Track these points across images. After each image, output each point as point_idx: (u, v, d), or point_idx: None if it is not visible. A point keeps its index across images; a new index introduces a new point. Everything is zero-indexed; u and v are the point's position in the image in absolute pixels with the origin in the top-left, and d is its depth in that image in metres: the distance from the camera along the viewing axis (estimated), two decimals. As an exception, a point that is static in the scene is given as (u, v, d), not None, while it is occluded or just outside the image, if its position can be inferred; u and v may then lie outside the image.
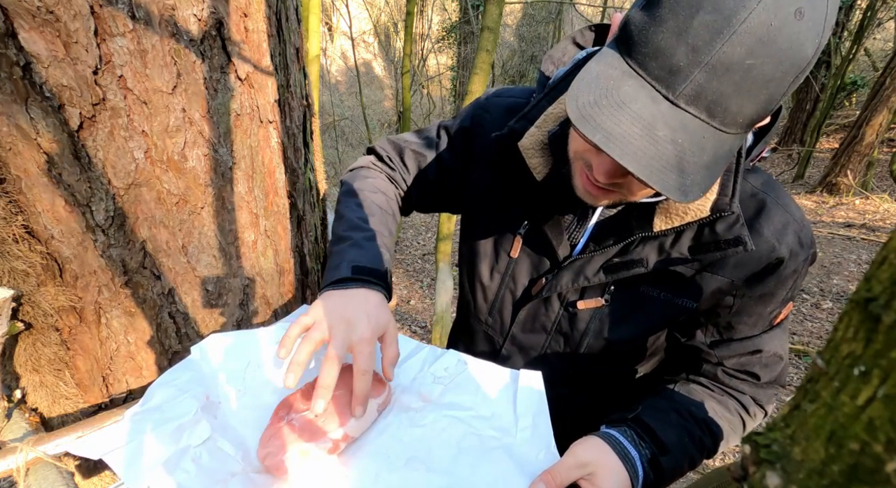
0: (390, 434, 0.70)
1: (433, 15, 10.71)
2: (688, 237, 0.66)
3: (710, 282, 0.67)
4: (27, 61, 0.59)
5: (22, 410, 0.78)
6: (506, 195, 0.80)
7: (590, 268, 0.72)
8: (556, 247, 0.74)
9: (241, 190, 0.83)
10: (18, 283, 0.70)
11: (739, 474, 0.22)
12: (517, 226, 0.79)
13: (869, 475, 0.16)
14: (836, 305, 3.62)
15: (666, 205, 0.66)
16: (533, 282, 0.80)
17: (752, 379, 0.71)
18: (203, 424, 0.67)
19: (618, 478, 0.59)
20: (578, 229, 0.75)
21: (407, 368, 0.81)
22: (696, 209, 0.64)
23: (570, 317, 0.77)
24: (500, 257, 0.83)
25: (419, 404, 0.75)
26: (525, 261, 0.80)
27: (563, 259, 0.75)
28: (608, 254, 0.70)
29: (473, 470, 0.63)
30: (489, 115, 0.83)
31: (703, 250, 0.65)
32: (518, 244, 0.79)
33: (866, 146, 5.80)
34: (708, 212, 0.63)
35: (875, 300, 0.17)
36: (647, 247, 0.68)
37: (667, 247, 0.67)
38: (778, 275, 0.65)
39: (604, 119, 0.50)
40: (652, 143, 0.49)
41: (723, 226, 0.64)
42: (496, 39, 2.43)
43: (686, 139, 0.50)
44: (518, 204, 0.78)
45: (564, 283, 0.74)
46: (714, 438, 0.68)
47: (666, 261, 0.67)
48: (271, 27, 0.83)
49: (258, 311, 0.93)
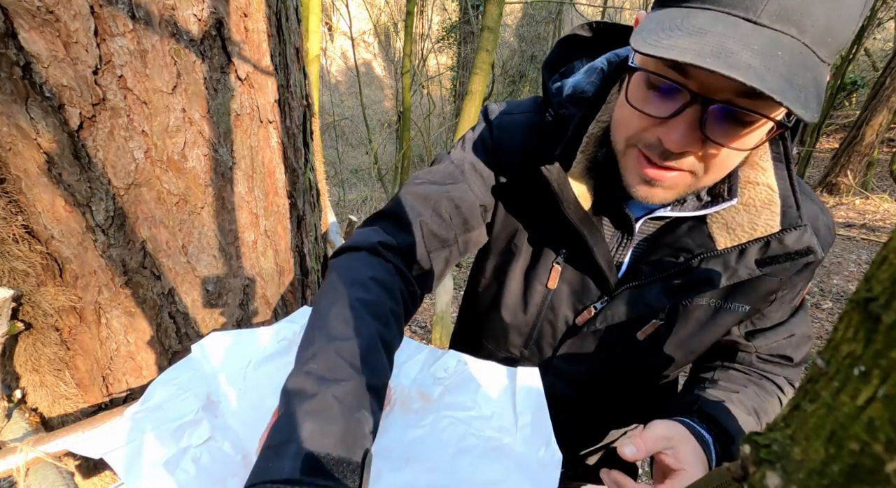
0: (390, 434, 0.70)
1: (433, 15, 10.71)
2: (754, 250, 0.62)
3: (763, 285, 0.66)
4: (27, 61, 0.59)
5: (22, 410, 0.78)
6: (538, 223, 0.74)
7: (650, 295, 0.67)
8: (607, 274, 0.68)
9: (241, 190, 0.83)
10: (18, 283, 0.70)
11: (739, 474, 0.22)
12: (554, 254, 0.73)
13: (869, 475, 0.16)
14: (836, 305, 3.62)
15: (724, 220, 0.63)
16: (577, 312, 0.74)
17: (784, 361, 0.74)
18: (204, 424, 0.67)
19: (697, 455, 0.59)
20: (621, 250, 0.70)
21: (407, 369, 0.81)
22: (763, 224, 0.61)
23: (623, 343, 0.74)
24: (535, 289, 0.75)
25: (419, 404, 0.75)
26: (565, 291, 0.73)
27: (615, 285, 0.69)
28: (668, 276, 0.66)
29: (474, 470, 0.63)
30: (510, 138, 0.74)
31: (773, 263, 0.62)
32: (556, 274, 0.73)
33: (866, 146, 5.80)
34: (779, 226, 0.60)
35: (875, 300, 0.17)
36: (710, 265, 0.63)
37: (732, 264, 0.63)
38: (811, 266, 0.66)
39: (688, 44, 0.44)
40: (754, 56, 0.43)
41: (792, 237, 0.60)
42: (496, 39, 2.43)
43: (785, 53, 0.44)
44: (554, 231, 0.71)
45: (621, 313, 0.69)
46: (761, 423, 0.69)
47: (732, 277, 0.63)
48: (271, 27, 0.83)
49: (258, 311, 0.93)
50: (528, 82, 10.65)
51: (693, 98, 0.49)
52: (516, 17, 11.64)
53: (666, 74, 0.50)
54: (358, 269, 0.63)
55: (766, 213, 0.61)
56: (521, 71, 10.75)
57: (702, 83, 0.48)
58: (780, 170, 0.62)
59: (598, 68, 0.70)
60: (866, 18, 3.74)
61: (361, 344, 0.54)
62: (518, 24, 11.54)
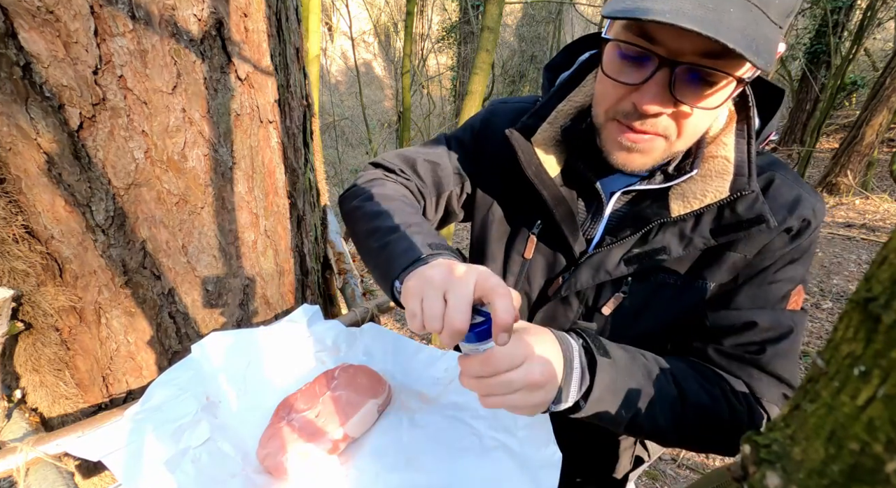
0: (390, 434, 0.70)
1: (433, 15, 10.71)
2: (708, 220, 0.65)
3: (724, 260, 0.67)
4: (27, 61, 0.59)
5: (22, 410, 0.78)
6: (517, 196, 0.79)
7: (609, 262, 0.70)
8: (571, 243, 0.72)
9: (241, 190, 0.83)
10: (18, 283, 0.70)
11: (739, 474, 0.22)
12: (530, 226, 0.78)
13: (869, 475, 0.16)
14: (836, 305, 3.62)
15: (681, 190, 0.65)
16: (549, 282, 0.78)
17: (750, 362, 0.65)
18: (203, 425, 0.67)
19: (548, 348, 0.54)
20: (593, 224, 0.73)
21: (407, 369, 0.81)
22: (714, 191, 0.63)
23: (588, 316, 0.76)
24: (513, 259, 0.80)
25: (419, 404, 0.75)
26: (540, 262, 0.78)
27: (580, 255, 0.73)
28: (627, 245, 0.69)
29: (473, 470, 0.63)
30: (498, 119, 0.82)
31: (726, 231, 0.64)
32: (532, 244, 0.77)
33: (866, 146, 5.80)
34: (727, 192, 0.63)
35: (875, 300, 0.17)
36: (667, 234, 0.67)
37: (687, 232, 0.66)
38: (785, 246, 0.65)
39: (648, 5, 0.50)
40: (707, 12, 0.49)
41: (743, 205, 0.63)
42: (496, 39, 2.43)
43: (735, 9, 0.50)
44: (530, 203, 0.76)
45: (583, 280, 0.72)
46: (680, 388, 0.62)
47: (688, 246, 0.66)
48: (271, 27, 0.83)
49: (258, 311, 0.93)
50: (528, 82, 10.65)
51: (661, 62, 0.54)
52: (516, 17, 11.64)
53: (636, 43, 0.55)
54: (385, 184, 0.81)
55: (717, 181, 0.64)
56: (521, 71, 10.75)
57: (668, 48, 0.54)
58: (740, 144, 0.65)
59: (582, 60, 0.76)
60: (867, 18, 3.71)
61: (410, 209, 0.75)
62: (518, 24, 11.54)
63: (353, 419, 0.67)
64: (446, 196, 0.86)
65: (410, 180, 0.86)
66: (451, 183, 0.85)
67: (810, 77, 7.46)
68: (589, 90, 0.73)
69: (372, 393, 0.71)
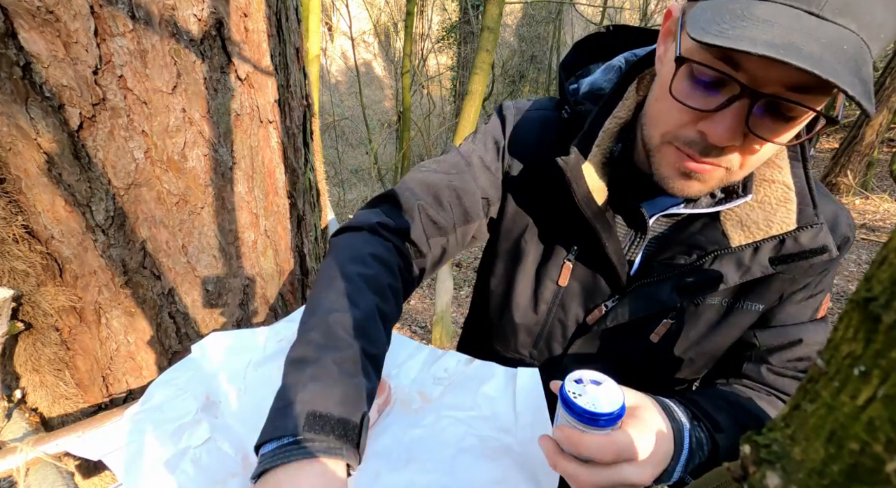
0: (390, 434, 0.70)
1: (433, 15, 10.71)
2: (768, 248, 0.62)
3: (773, 282, 0.64)
4: (27, 61, 0.59)
5: (22, 410, 0.78)
6: (551, 219, 0.73)
7: (661, 291, 0.66)
8: (619, 271, 0.67)
9: (241, 190, 0.83)
10: (18, 283, 0.70)
11: (739, 474, 0.22)
12: (565, 251, 0.72)
13: (869, 475, 0.16)
14: (836, 305, 3.62)
15: (738, 217, 0.62)
16: (588, 310, 0.73)
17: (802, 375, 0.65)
18: (203, 425, 0.67)
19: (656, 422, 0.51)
20: (633, 249, 0.69)
21: (407, 369, 0.81)
22: (780, 222, 0.60)
23: (635, 344, 0.72)
24: (546, 286, 0.74)
25: (419, 405, 0.75)
26: (576, 289, 0.73)
27: (626, 282, 0.68)
28: (679, 273, 0.65)
29: (474, 470, 0.63)
30: (524, 132, 0.75)
31: (787, 261, 0.61)
32: (567, 271, 0.72)
33: (866, 146, 5.80)
34: (794, 224, 0.59)
35: (875, 300, 0.17)
36: (724, 262, 0.63)
37: (746, 261, 0.62)
38: (826, 264, 0.63)
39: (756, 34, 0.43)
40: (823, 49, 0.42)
41: (808, 235, 0.60)
42: (496, 39, 2.43)
43: (849, 47, 0.44)
44: (567, 228, 0.71)
45: (633, 310, 0.68)
46: None
47: (745, 275, 0.62)
48: (271, 27, 0.83)
49: (258, 311, 0.93)
50: (528, 82, 10.64)
51: (742, 91, 0.48)
52: (516, 17, 11.64)
53: (715, 66, 0.48)
54: (357, 246, 0.65)
55: (783, 211, 0.60)
56: (521, 71, 10.75)
57: (753, 76, 0.47)
58: (796, 168, 0.61)
59: (616, 66, 0.70)
60: None
61: (359, 315, 0.57)
62: (518, 24, 11.54)
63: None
64: (475, 226, 0.76)
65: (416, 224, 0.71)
66: (480, 212, 0.76)
67: (810, 77, 7.44)
68: (631, 104, 0.66)
69: (372, 393, 0.71)
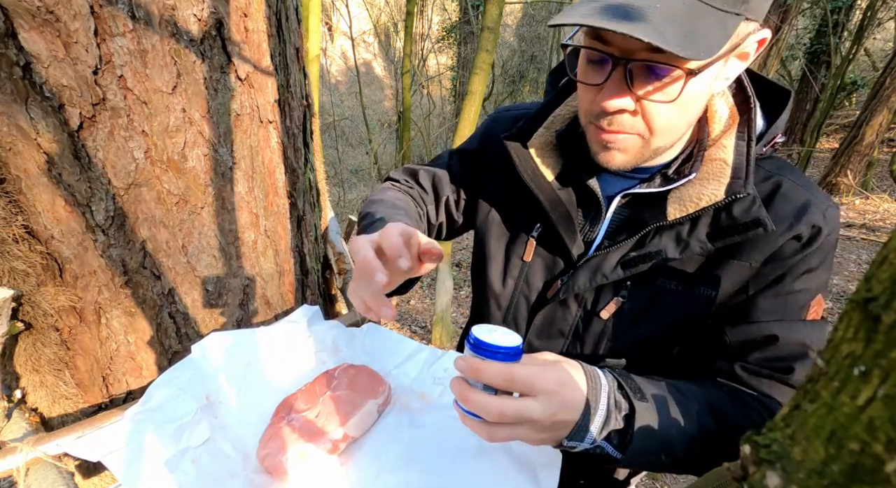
0: (390, 434, 0.70)
1: (433, 15, 10.70)
2: (705, 223, 0.65)
3: (727, 268, 0.65)
4: (27, 61, 0.59)
5: (22, 410, 0.78)
6: (517, 200, 0.80)
7: (606, 265, 0.70)
8: (569, 245, 0.73)
9: (241, 190, 0.83)
10: (18, 283, 0.70)
11: (739, 474, 0.22)
12: (529, 229, 0.79)
13: (869, 475, 0.16)
14: (837, 305, 3.62)
15: (679, 194, 0.65)
16: (548, 285, 0.78)
17: (778, 378, 0.64)
18: (203, 425, 0.67)
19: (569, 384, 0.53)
20: (593, 228, 0.74)
21: (407, 369, 0.81)
22: (709, 194, 0.63)
23: (587, 319, 0.75)
24: (513, 262, 0.81)
25: (419, 405, 0.75)
26: (539, 264, 0.79)
27: (578, 258, 0.73)
28: (624, 248, 0.69)
29: (473, 470, 0.63)
30: (499, 125, 0.84)
31: (722, 235, 0.63)
32: (531, 247, 0.78)
33: (866, 146, 5.80)
34: (723, 195, 0.62)
35: (875, 300, 0.17)
36: (663, 238, 0.67)
37: (684, 236, 0.66)
38: (799, 254, 0.62)
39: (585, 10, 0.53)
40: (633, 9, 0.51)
41: (739, 209, 0.62)
42: (496, 39, 2.43)
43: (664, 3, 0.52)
44: (530, 207, 0.77)
45: (581, 283, 0.72)
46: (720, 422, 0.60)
47: (685, 250, 0.65)
48: (271, 27, 0.83)
49: (258, 311, 0.93)
50: (528, 82, 10.64)
51: (616, 61, 0.57)
52: (516, 17, 11.64)
53: (592, 46, 0.59)
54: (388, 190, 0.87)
55: (714, 185, 0.63)
56: (521, 71, 10.74)
57: (620, 47, 0.56)
58: (739, 146, 0.65)
59: None
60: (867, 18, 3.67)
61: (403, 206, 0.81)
62: (518, 24, 11.54)
63: (353, 419, 0.67)
64: (444, 201, 0.90)
65: (413, 188, 0.91)
66: (448, 190, 0.90)
67: (810, 77, 7.45)
68: None
69: (372, 393, 0.71)
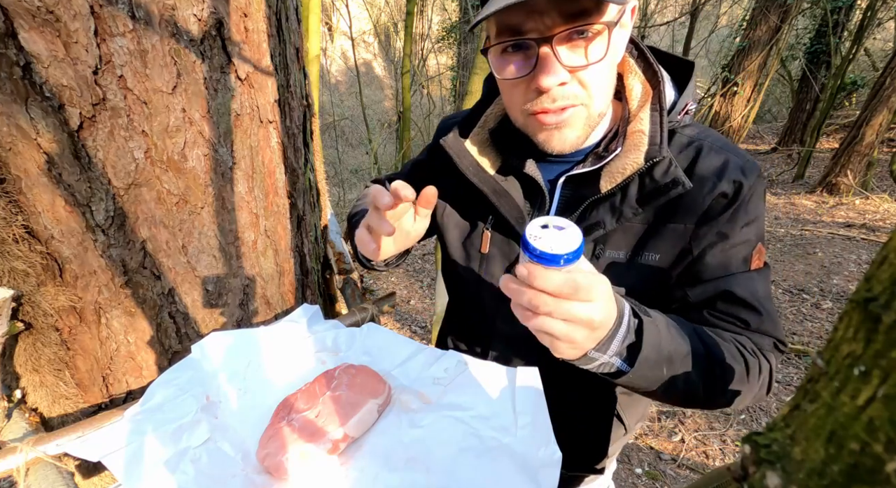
0: (390, 434, 0.70)
1: (433, 15, 10.70)
2: (633, 191, 0.70)
3: (665, 233, 0.71)
4: (27, 61, 0.59)
5: (22, 410, 0.78)
6: (468, 198, 0.84)
7: None
8: (520, 232, 0.76)
9: (241, 190, 0.83)
10: (18, 283, 0.70)
11: (739, 474, 0.22)
12: (483, 222, 0.83)
13: (869, 475, 0.16)
14: (836, 305, 3.62)
15: (609, 168, 0.70)
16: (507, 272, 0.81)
17: (740, 324, 0.70)
18: (203, 425, 0.67)
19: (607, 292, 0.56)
20: (540, 213, 0.78)
21: (407, 369, 0.81)
22: (632, 163, 0.68)
23: None
24: (473, 256, 0.86)
25: (419, 405, 0.75)
26: (496, 255, 0.83)
27: None
28: None
29: (473, 470, 0.63)
30: (442, 133, 0.88)
31: (649, 198, 0.68)
32: (486, 239, 0.83)
33: (866, 146, 5.80)
34: (643, 162, 0.67)
35: (875, 300, 0.17)
36: (600, 210, 0.71)
37: (617, 205, 0.71)
38: (728, 211, 0.68)
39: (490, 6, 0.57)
40: None
41: (660, 171, 0.67)
42: (496, 39, 2.43)
43: None
44: (480, 202, 0.81)
45: None
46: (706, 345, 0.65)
47: (620, 218, 0.70)
48: (271, 27, 0.83)
49: (258, 311, 0.93)
50: (528, 82, 10.61)
51: (538, 43, 0.60)
52: (516, 17, 11.61)
53: (512, 39, 0.62)
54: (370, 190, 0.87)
55: (635, 154, 0.68)
56: (521, 71, 10.72)
57: (534, 28, 0.60)
58: (654, 117, 0.70)
59: None
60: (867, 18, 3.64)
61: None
62: (518, 24, 11.50)
63: (353, 419, 0.67)
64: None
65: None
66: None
67: (810, 77, 7.46)
68: None
69: (372, 393, 0.71)
